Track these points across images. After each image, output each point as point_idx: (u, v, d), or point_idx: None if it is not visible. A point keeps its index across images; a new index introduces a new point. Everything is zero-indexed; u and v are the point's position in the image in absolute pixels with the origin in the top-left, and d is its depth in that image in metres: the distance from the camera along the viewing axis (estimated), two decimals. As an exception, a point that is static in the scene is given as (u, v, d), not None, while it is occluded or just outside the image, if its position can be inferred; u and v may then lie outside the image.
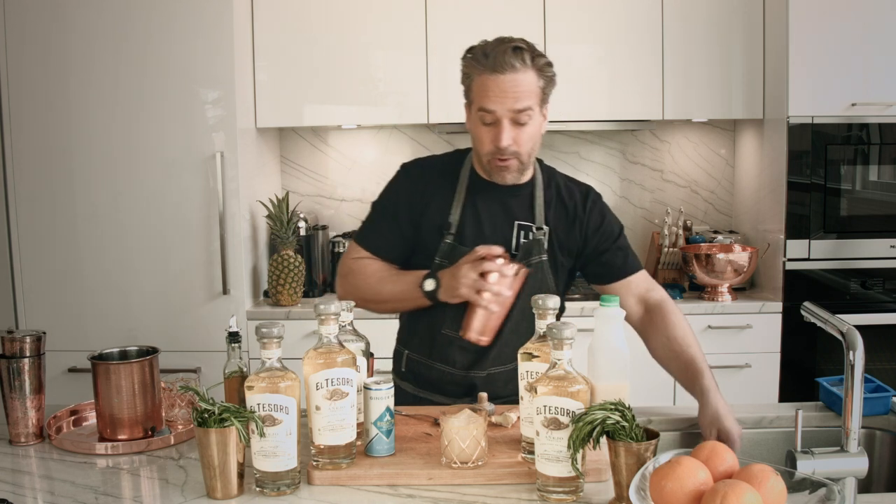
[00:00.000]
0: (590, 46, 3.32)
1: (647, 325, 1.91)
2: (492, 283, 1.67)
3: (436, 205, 1.88)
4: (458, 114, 3.27)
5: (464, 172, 1.91)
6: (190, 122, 3.09)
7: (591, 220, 1.92)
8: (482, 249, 1.72)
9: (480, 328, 1.72)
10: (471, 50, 1.79)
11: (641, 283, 1.94)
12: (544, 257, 1.86)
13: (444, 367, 1.89)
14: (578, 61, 3.32)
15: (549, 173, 1.95)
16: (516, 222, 1.87)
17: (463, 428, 1.46)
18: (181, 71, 3.07)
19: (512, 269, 1.71)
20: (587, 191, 1.96)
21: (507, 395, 1.88)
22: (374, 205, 1.99)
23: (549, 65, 1.79)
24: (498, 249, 1.72)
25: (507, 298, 1.71)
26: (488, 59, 1.73)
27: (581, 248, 1.92)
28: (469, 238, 1.85)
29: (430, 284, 1.78)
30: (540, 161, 1.95)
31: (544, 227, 1.87)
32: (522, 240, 1.87)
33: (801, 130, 3.10)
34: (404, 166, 1.98)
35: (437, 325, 1.88)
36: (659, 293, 1.93)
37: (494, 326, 1.74)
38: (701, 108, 3.35)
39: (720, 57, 3.31)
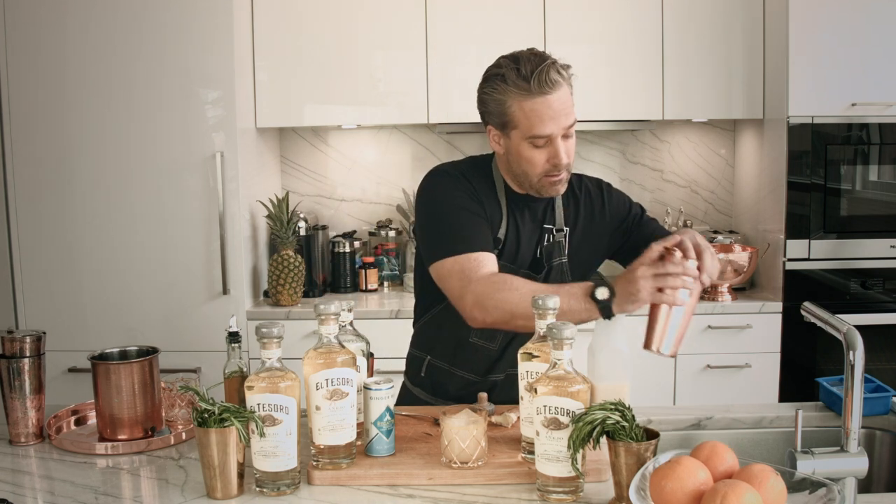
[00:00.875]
0: (590, 46, 3.32)
1: None
2: (674, 280, 1.52)
3: (489, 216, 1.81)
4: (459, 114, 3.31)
5: (499, 185, 1.84)
6: (190, 122, 3.09)
7: (617, 210, 1.90)
8: (658, 246, 1.56)
9: (666, 340, 1.53)
10: (498, 76, 1.69)
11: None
12: (564, 259, 1.85)
13: (466, 374, 1.89)
14: (578, 61, 3.26)
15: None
16: (543, 226, 1.86)
17: (463, 428, 1.46)
18: (181, 71, 3.07)
19: (694, 265, 1.54)
20: (599, 183, 1.94)
21: None
22: (437, 212, 1.78)
23: (572, 75, 1.76)
24: (675, 239, 1.57)
25: (691, 302, 1.55)
26: (532, 82, 1.65)
27: (620, 242, 1.90)
28: (508, 251, 1.82)
29: (602, 293, 1.56)
30: None
31: (564, 228, 1.86)
32: (545, 243, 1.85)
33: (801, 130, 3.10)
34: (442, 172, 1.83)
35: (464, 335, 1.84)
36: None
37: (680, 336, 1.54)
38: (701, 108, 3.35)
39: (720, 57, 3.30)
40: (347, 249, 3.46)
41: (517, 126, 1.71)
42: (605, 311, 1.56)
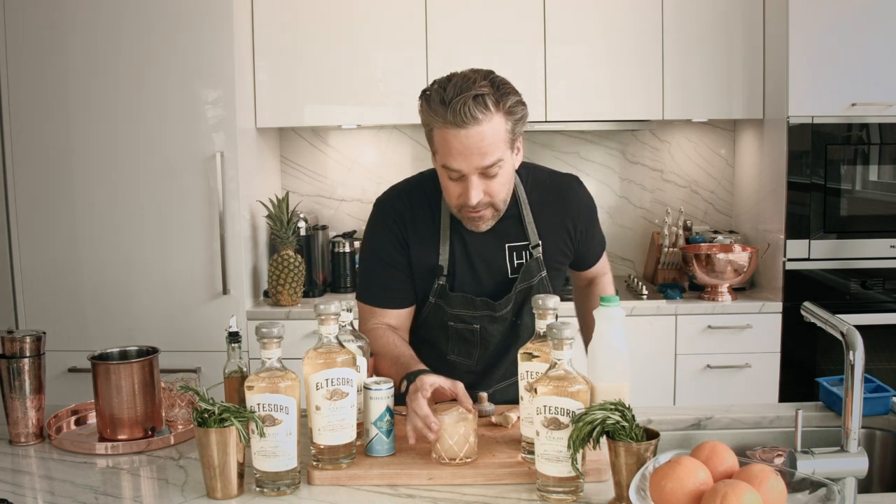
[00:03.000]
0: (590, 46, 3.32)
1: (579, 293, 2.07)
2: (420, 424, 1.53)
3: (422, 244, 1.80)
4: (458, 114, 3.31)
5: (444, 205, 1.78)
6: (190, 122, 3.09)
7: (581, 217, 1.87)
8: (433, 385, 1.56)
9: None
10: (427, 92, 1.62)
11: (601, 265, 2.02)
12: (544, 273, 1.82)
13: None
14: (578, 61, 3.32)
15: (528, 174, 1.85)
16: (507, 245, 1.81)
17: (451, 425, 1.47)
18: (181, 71, 3.07)
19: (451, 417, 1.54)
20: (572, 184, 1.88)
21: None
22: (363, 255, 1.89)
23: (519, 103, 1.62)
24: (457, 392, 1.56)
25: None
26: (448, 112, 1.55)
27: (576, 247, 1.90)
28: (460, 277, 1.80)
29: (403, 387, 1.63)
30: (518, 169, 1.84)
31: (539, 242, 1.81)
32: (517, 261, 1.81)
33: (801, 130, 3.10)
34: (380, 205, 1.86)
35: (442, 351, 1.87)
36: (603, 271, 2.04)
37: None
38: (701, 108, 3.35)
39: (720, 57, 3.30)
40: (347, 249, 3.45)
41: (436, 151, 1.65)
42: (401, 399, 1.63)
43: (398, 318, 1.85)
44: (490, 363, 1.87)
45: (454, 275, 1.81)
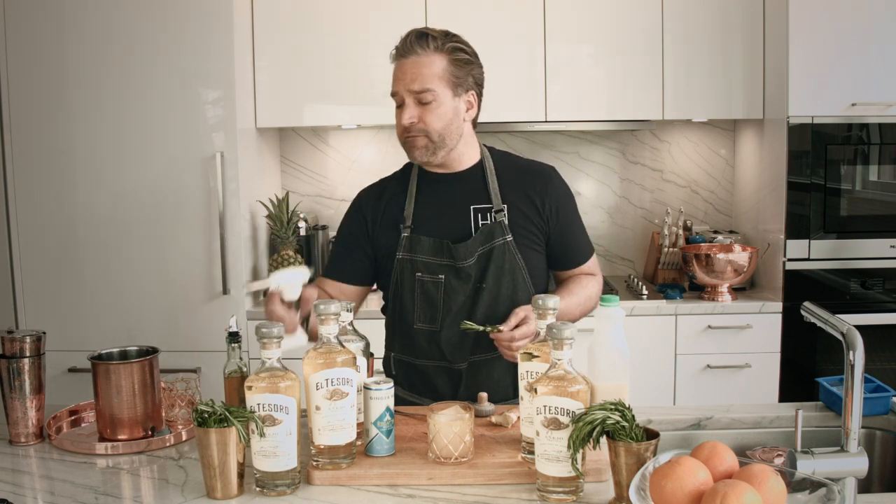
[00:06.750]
0: (590, 46, 3.32)
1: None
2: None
3: (390, 209, 1.93)
4: (458, 114, 3.30)
5: (414, 172, 1.95)
6: (190, 122, 3.09)
7: (550, 194, 1.91)
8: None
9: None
10: None
11: (590, 267, 2.02)
12: (509, 237, 1.86)
13: (427, 361, 1.91)
14: (578, 61, 3.32)
15: (502, 156, 1.97)
16: (472, 207, 1.88)
17: (446, 424, 1.47)
18: (181, 71, 3.07)
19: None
20: (549, 171, 1.96)
21: (497, 388, 1.87)
22: (336, 235, 2.06)
23: (462, 50, 1.83)
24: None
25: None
26: (399, 47, 1.83)
27: (548, 231, 1.92)
28: (425, 228, 1.88)
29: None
30: (490, 148, 1.97)
31: (503, 207, 1.88)
32: (482, 222, 1.88)
33: (801, 130, 3.10)
34: (358, 193, 2.03)
35: (409, 322, 1.90)
36: (592, 271, 2.01)
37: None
38: (701, 108, 3.35)
39: (720, 57, 3.30)
40: (347, 249, 3.45)
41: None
42: None
43: (333, 288, 1.97)
44: (456, 332, 1.86)
45: (418, 227, 1.89)
